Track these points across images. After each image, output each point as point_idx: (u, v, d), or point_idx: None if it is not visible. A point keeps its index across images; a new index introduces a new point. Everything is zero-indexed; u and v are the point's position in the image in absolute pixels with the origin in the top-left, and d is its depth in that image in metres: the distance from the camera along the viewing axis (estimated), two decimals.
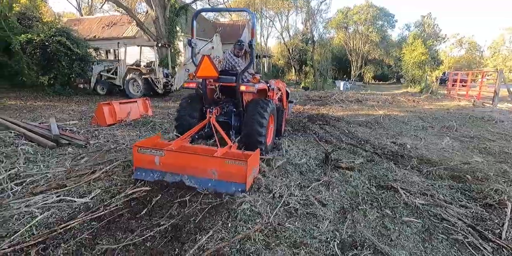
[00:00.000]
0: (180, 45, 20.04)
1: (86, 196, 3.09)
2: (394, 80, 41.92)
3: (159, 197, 3.03)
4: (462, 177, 3.95)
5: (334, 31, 37.73)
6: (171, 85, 12.72)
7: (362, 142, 5.90)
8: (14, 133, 5.00)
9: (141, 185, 3.31)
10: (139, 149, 3.37)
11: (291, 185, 3.44)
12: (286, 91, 6.65)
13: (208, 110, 4.07)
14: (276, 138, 5.35)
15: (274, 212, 2.85)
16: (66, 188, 3.25)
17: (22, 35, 12.28)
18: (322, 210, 2.94)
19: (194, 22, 4.38)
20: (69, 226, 2.49)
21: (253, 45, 3.99)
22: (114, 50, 20.89)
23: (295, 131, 6.62)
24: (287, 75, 36.47)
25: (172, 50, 16.31)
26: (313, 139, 5.91)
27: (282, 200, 3.07)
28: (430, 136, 6.73)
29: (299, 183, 3.58)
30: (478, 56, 55.70)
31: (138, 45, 13.56)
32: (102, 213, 2.73)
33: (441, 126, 7.79)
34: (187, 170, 3.25)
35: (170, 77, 12.91)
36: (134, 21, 16.77)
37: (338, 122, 7.94)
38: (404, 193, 3.33)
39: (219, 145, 3.69)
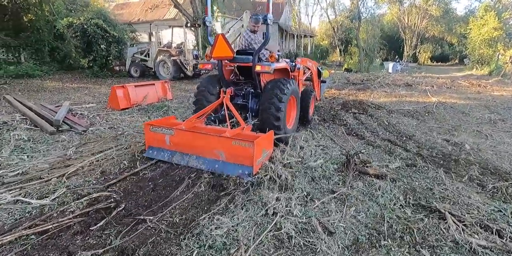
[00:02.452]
0: (217, 25, 19.44)
1: (47, 197, 2.66)
2: (456, 61, 36.79)
3: (122, 208, 2.47)
4: None
5: (386, 6, 33.65)
6: None
7: (404, 138, 4.74)
8: (19, 116, 4.87)
9: (113, 185, 2.81)
10: (151, 127, 3.42)
11: (293, 198, 2.63)
12: (318, 69, 6.12)
13: (221, 90, 4.00)
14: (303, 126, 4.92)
15: (259, 239, 2.11)
16: (33, 183, 2.87)
17: (64, 19, 12.68)
18: (326, 242, 2.11)
19: None
20: (0, 242, 2.04)
21: (268, 20, 3.59)
22: (156, 33, 21.18)
23: (322, 121, 5.66)
24: (331, 56, 34.04)
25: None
26: (342, 132, 4.93)
27: (274, 221, 2.30)
28: (499, 133, 5.24)
29: (306, 194, 2.74)
30: None
31: (170, 26, 13.21)
32: (48, 223, 2.25)
33: None
34: (195, 150, 3.23)
35: (200, 58, 12.40)
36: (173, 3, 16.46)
37: (378, 111, 6.69)
38: (454, 222, 2.31)
39: (229, 127, 3.58)
